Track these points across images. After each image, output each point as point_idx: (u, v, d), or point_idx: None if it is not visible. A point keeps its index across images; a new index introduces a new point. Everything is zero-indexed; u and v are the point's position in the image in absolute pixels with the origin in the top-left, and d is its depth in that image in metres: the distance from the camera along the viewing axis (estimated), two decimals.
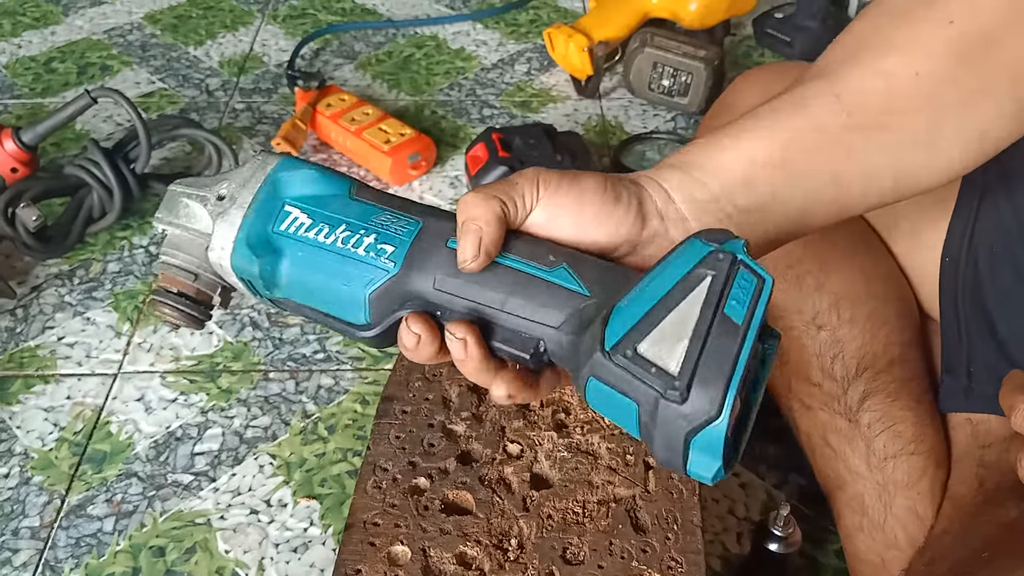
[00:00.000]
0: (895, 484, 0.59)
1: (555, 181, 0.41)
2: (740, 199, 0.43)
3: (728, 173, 0.43)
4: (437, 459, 0.54)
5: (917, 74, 0.44)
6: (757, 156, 0.43)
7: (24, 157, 0.92)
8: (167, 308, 0.45)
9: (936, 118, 0.44)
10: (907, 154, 0.45)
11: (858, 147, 0.44)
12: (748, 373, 0.37)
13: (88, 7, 1.38)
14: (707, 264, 0.36)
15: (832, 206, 0.45)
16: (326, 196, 0.43)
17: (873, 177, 0.45)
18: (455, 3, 1.36)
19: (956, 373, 0.63)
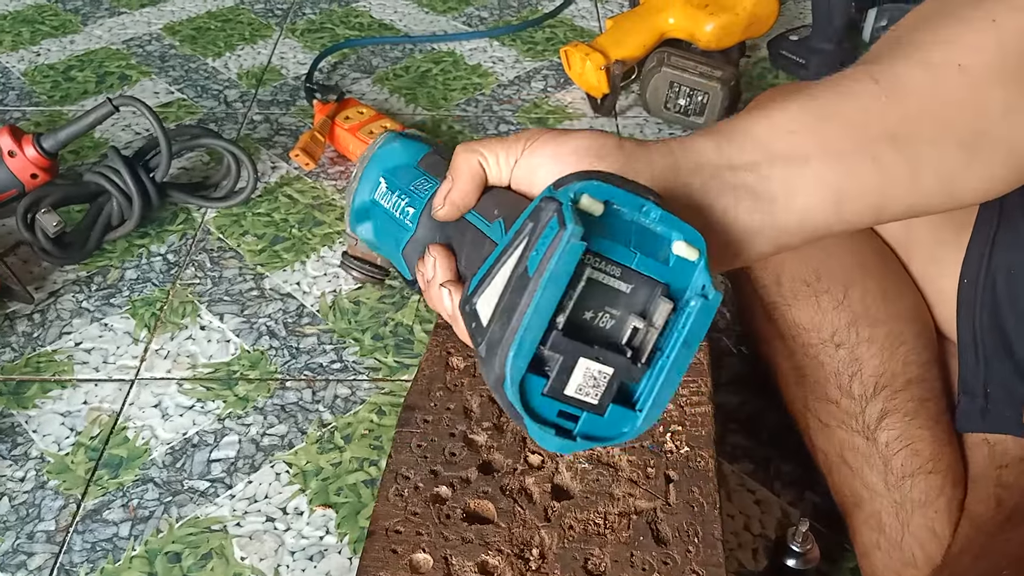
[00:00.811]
0: (913, 503, 0.59)
1: (542, 137, 0.41)
2: (766, 169, 0.40)
3: (756, 140, 0.41)
4: (459, 468, 0.55)
5: (961, 66, 0.41)
6: (789, 124, 0.41)
7: (45, 163, 0.93)
8: (351, 270, 0.64)
9: (980, 118, 0.41)
10: (950, 151, 0.42)
11: (900, 132, 0.41)
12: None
13: (107, 17, 1.39)
14: (534, 214, 0.36)
15: (872, 194, 0.41)
16: (401, 166, 0.48)
17: (916, 168, 0.41)
18: (472, 20, 1.38)
19: (973, 394, 0.63)
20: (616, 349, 0.36)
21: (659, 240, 0.36)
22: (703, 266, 0.36)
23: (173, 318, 0.86)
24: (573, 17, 1.39)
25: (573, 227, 0.33)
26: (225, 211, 0.99)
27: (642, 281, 0.36)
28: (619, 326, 0.36)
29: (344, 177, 1.04)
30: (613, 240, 0.35)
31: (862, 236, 0.67)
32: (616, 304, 0.36)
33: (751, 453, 0.73)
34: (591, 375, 0.35)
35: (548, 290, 0.34)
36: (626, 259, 0.36)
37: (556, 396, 0.36)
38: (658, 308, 0.36)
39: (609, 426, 0.37)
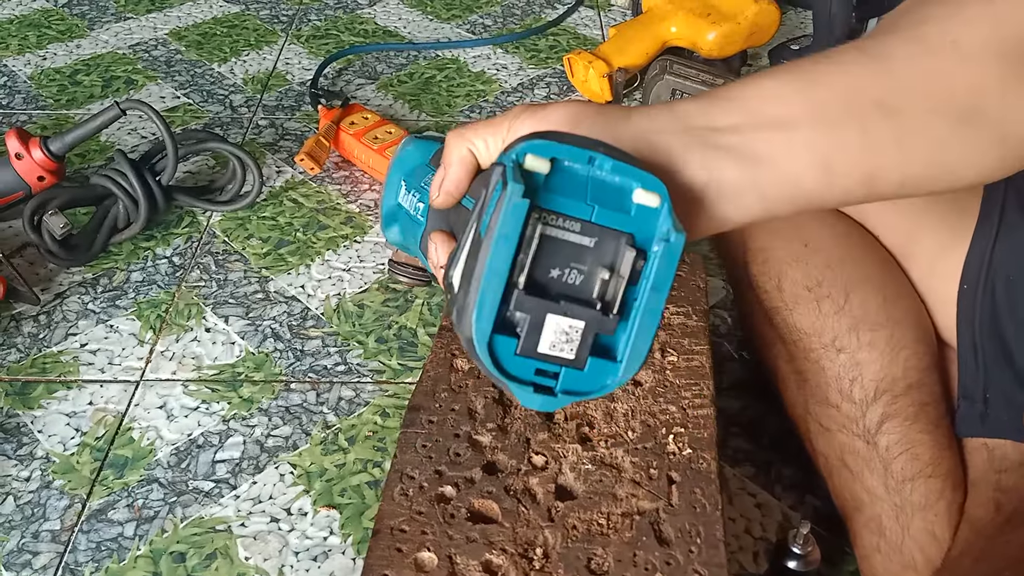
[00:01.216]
0: (913, 506, 0.60)
1: (524, 114, 0.41)
2: (752, 132, 0.40)
3: (743, 104, 0.41)
4: (463, 468, 0.55)
5: (954, 42, 0.40)
6: (778, 90, 0.41)
7: (52, 166, 0.93)
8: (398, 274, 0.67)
9: (974, 94, 0.40)
10: (941, 125, 0.41)
11: (888, 102, 0.40)
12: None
13: (113, 22, 1.40)
14: (485, 179, 0.36)
15: (861, 163, 0.41)
16: (417, 166, 0.49)
17: (905, 138, 0.41)
18: (475, 28, 1.39)
19: (973, 399, 0.63)
20: (587, 303, 0.36)
21: (620, 191, 0.37)
22: (666, 211, 0.36)
23: (178, 320, 0.86)
24: (576, 25, 1.40)
25: (513, 185, 0.34)
26: (230, 215, 0.99)
27: (605, 233, 0.36)
28: (588, 280, 0.36)
29: (349, 181, 1.04)
30: (567, 196, 0.36)
31: (863, 243, 0.68)
32: (582, 259, 0.36)
33: (752, 457, 0.74)
34: (562, 330, 0.36)
35: (498, 250, 0.34)
36: (583, 213, 0.36)
37: (530, 355, 0.36)
38: (623, 258, 0.36)
39: (591, 379, 0.38)
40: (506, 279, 0.35)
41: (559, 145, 0.36)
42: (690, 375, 0.61)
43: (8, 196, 0.94)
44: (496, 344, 0.36)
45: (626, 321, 0.37)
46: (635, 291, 0.37)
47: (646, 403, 0.59)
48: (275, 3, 1.47)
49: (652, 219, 0.37)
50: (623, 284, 0.36)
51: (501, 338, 0.36)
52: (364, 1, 1.47)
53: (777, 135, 0.40)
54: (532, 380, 0.37)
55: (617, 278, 0.36)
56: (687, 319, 0.65)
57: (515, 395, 0.38)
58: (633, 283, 0.37)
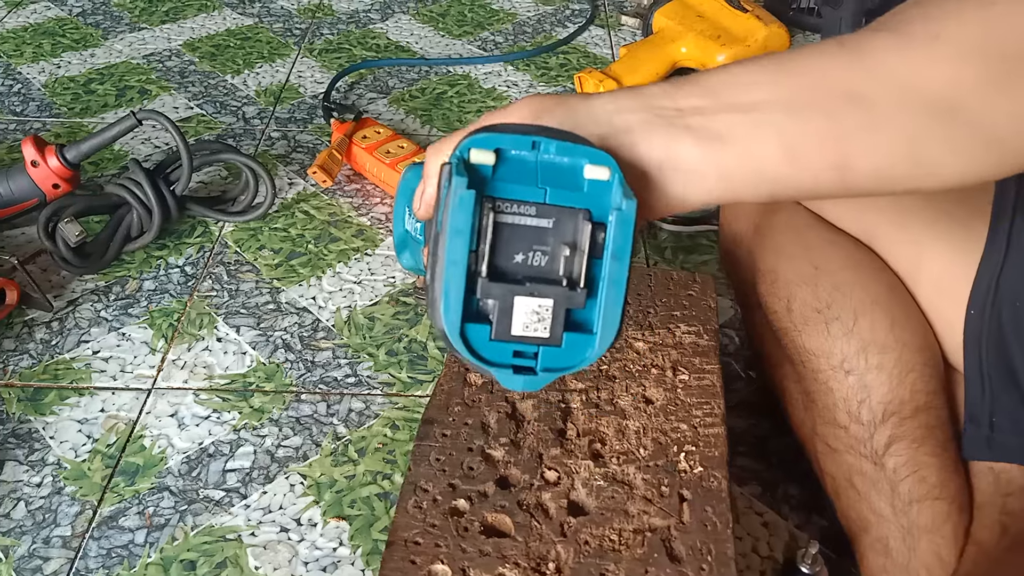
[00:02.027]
0: (919, 528, 0.60)
1: (491, 118, 0.42)
2: (713, 113, 0.40)
3: (708, 88, 0.41)
4: (476, 482, 0.56)
5: (937, 37, 0.40)
6: (745, 77, 0.41)
7: (67, 174, 0.94)
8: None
9: (953, 88, 0.40)
10: (917, 117, 0.40)
11: (860, 91, 0.40)
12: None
13: (127, 32, 1.42)
14: (440, 180, 0.38)
15: (829, 149, 0.40)
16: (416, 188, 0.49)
17: (876, 126, 0.40)
18: (487, 45, 1.40)
19: (979, 423, 0.64)
20: (553, 281, 0.37)
21: (570, 170, 0.38)
22: (617, 181, 0.37)
23: (190, 329, 0.87)
24: (586, 44, 1.41)
25: (457, 179, 0.35)
26: (242, 225, 1.00)
27: (562, 212, 0.38)
28: (553, 259, 0.38)
29: (360, 195, 1.05)
30: (517, 183, 0.37)
31: (872, 266, 0.69)
32: (544, 240, 0.38)
33: (759, 476, 0.74)
34: (533, 311, 0.37)
35: (452, 243, 0.36)
36: (536, 196, 0.37)
37: (504, 338, 0.38)
38: (581, 232, 0.37)
39: (569, 355, 0.39)
40: (466, 269, 0.37)
41: (501, 135, 0.37)
42: (701, 394, 0.61)
43: (23, 203, 0.95)
44: (469, 333, 0.38)
45: (595, 295, 0.38)
46: (600, 264, 0.38)
47: (657, 421, 0.60)
48: (288, 17, 1.48)
49: (605, 192, 0.38)
50: (584, 258, 0.38)
51: (473, 326, 0.38)
52: (376, 16, 1.49)
53: (741, 117, 0.40)
54: (511, 363, 0.39)
55: (579, 253, 0.38)
56: (698, 338, 0.66)
57: (497, 379, 0.39)
58: (598, 256, 0.38)
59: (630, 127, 0.41)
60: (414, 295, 0.91)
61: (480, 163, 0.37)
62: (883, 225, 0.68)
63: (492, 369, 0.39)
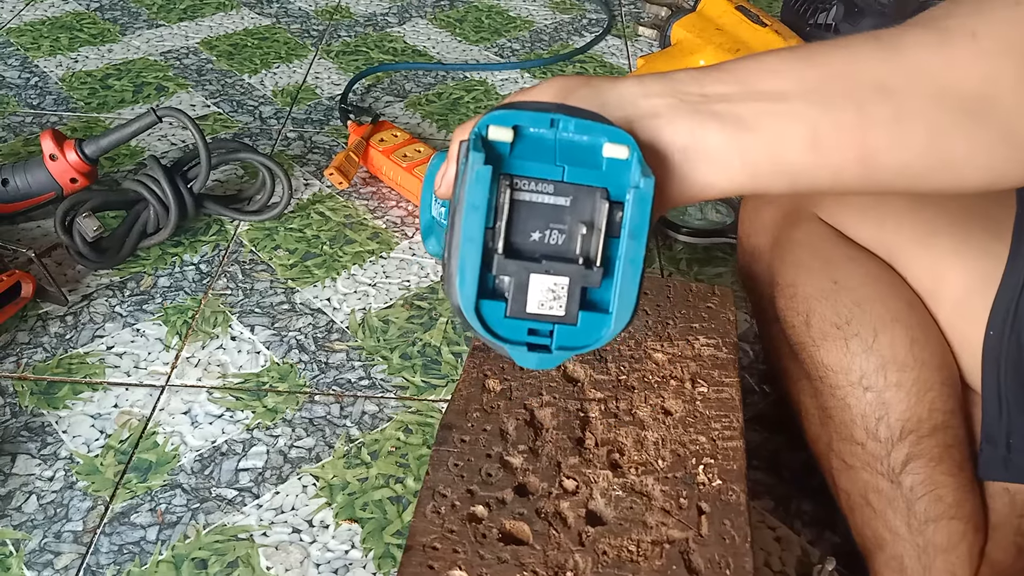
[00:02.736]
0: (935, 547, 0.60)
1: (516, 97, 0.42)
2: (740, 100, 0.40)
3: (737, 75, 0.41)
4: (495, 489, 0.56)
5: (974, 34, 0.40)
6: (775, 65, 0.41)
7: (85, 169, 0.95)
8: None
9: (988, 84, 0.39)
10: (947, 112, 0.40)
11: (891, 84, 0.39)
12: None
13: (145, 29, 1.42)
14: (460, 157, 0.38)
15: (853, 141, 0.40)
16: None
17: (904, 121, 0.40)
18: (504, 51, 1.40)
19: (996, 443, 0.64)
20: (569, 260, 0.37)
21: (589, 149, 0.38)
22: (636, 160, 0.37)
23: (204, 327, 0.87)
24: (603, 54, 1.42)
25: (474, 155, 0.35)
26: (258, 225, 1.00)
27: (580, 191, 0.37)
28: (570, 238, 0.38)
29: (376, 198, 1.05)
30: (536, 160, 0.37)
31: (892, 283, 0.69)
32: (561, 218, 0.38)
33: (772, 490, 0.74)
34: (548, 288, 0.37)
35: (468, 218, 0.36)
36: (553, 174, 0.37)
37: (520, 316, 0.38)
38: (598, 211, 0.37)
39: (584, 333, 0.39)
40: (482, 245, 0.37)
41: (519, 112, 0.37)
42: (720, 406, 0.61)
43: (40, 196, 0.95)
44: (484, 309, 0.38)
45: (612, 274, 0.38)
46: (617, 243, 0.38)
47: (676, 432, 0.59)
48: (306, 18, 1.49)
49: (624, 171, 0.38)
50: (601, 236, 0.38)
51: (488, 303, 0.38)
52: (394, 20, 1.49)
53: (767, 105, 0.40)
54: (526, 340, 0.39)
55: (595, 231, 0.38)
56: (717, 351, 0.66)
57: (511, 355, 0.39)
58: (615, 235, 0.38)
59: (656, 111, 0.41)
60: (429, 299, 0.91)
61: (498, 140, 0.37)
62: (904, 243, 0.68)
63: (506, 346, 0.39)
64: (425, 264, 0.96)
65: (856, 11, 1.24)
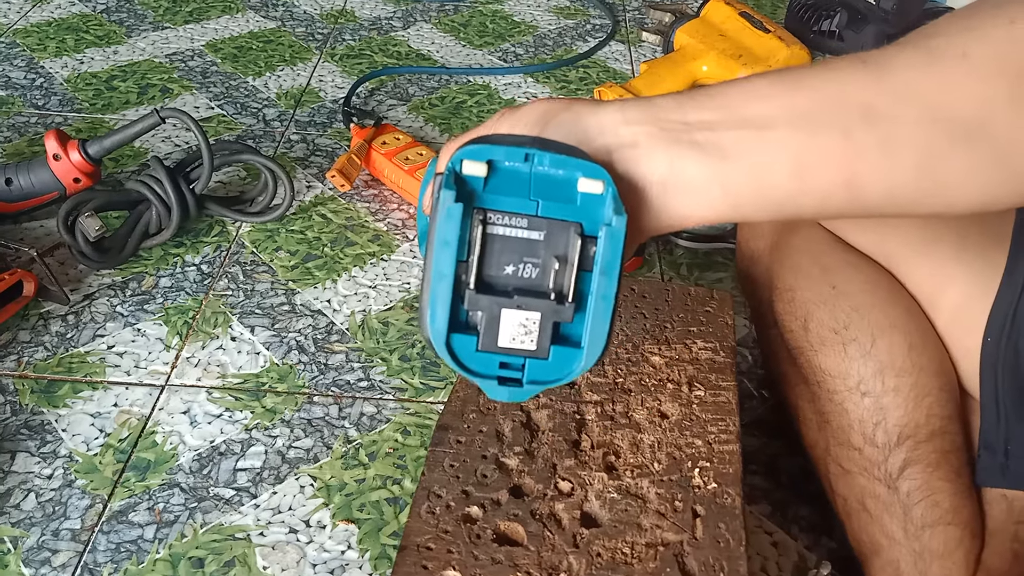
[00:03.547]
0: (931, 553, 0.60)
1: (501, 119, 0.42)
2: (723, 129, 0.40)
3: (721, 102, 0.40)
4: (490, 490, 0.56)
5: (965, 54, 0.39)
6: (761, 90, 0.40)
7: (88, 169, 0.95)
8: None
9: (979, 107, 0.39)
10: (936, 136, 0.39)
11: (878, 109, 0.39)
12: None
13: (151, 31, 1.43)
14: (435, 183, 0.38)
15: (839, 167, 0.39)
16: None
17: (892, 146, 0.39)
18: (507, 56, 1.41)
19: (993, 450, 0.64)
20: (541, 294, 0.37)
21: (565, 183, 0.38)
22: (610, 195, 0.37)
23: (205, 327, 0.87)
24: (606, 59, 1.42)
25: (445, 192, 0.35)
26: (259, 226, 1.01)
27: (554, 225, 0.37)
28: (543, 272, 0.38)
29: (377, 200, 1.06)
30: (510, 194, 0.37)
31: (890, 289, 0.69)
32: (535, 252, 0.38)
33: (770, 495, 0.74)
34: (520, 323, 0.37)
35: (439, 254, 0.36)
36: (527, 208, 0.37)
37: (491, 349, 0.38)
38: (570, 246, 0.37)
39: (556, 368, 0.39)
40: (452, 281, 0.37)
41: (493, 147, 0.37)
42: (716, 410, 0.61)
43: (43, 196, 0.96)
44: (455, 343, 0.38)
45: (584, 308, 0.38)
46: (591, 276, 0.38)
47: (672, 435, 0.60)
48: (311, 21, 1.49)
49: (598, 205, 0.38)
50: (573, 271, 0.37)
51: (460, 337, 0.38)
52: (398, 24, 1.50)
53: (750, 132, 0.40)
54: (497, 374, 0.39)
55: (568, 266, 0.37)
56: (714, 355, 0.66)
57: (482, 388, 0.39)
58: (588, 270, 0.38)
59: (635, 141, 0.40)
60: None
61: (472, 175, 0.37)
62: (904, 250, 0.68)
63: (477, 380, 0.39)
64: None
65: (859, 18, 1.24)
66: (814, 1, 1.44)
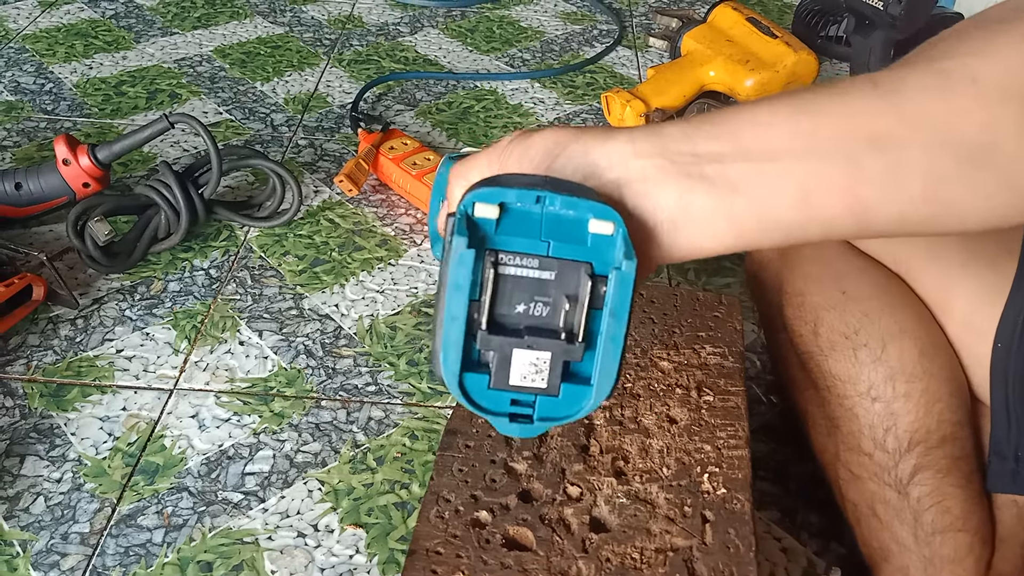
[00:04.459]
0: (942, 559, 0.60)
1: (511, 145, 0.43)
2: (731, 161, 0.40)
3: (729, 130, 0.40)
4: (499, 495, 0.56)
5: (975, 79, 0.39)
6: (767, 117, 0.40)
7: (97, 173, 0.95)
8: None
9: (988, 131, 0.39)
10: (944, 160, 0.39)
11: (886, 134, 0.39)
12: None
13: (159, 36, 1.43)
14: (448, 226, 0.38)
15: (845, 195, 0.40)
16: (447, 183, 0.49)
17: (899, 172, 0.39)
18: (514, 61, 1.41)
19: (1004, 456, 0.64)
20: (552, 334, 0.38)
21: (576, 223, 0.38)
22: (620, 237, 0.38)
23: (213, 332, 0.87)
24: (613, 64, 1.42)
25: (457, 238, 0.36)
26: (267, 231, 1.01)
27: (565, 265, 0.38)
28: (554, 311, 0.38)
29: (385, 205, 1.06)
30: (521, 235, 0.38)
31: (901, 294, 0.69)
32: (546, 292, 0.38)
33: (778, 501, 0.74)
34: (530, 363, 0.38)
35: (451, 298, 0.36)
36: (539, 249, 0.38)
37: (502, 388, 0.38)
38: (581, 286, 0.38)
39: (566, 405, 0.39)
40: (464, 324, 0.37)
41: (505, 190, 0.38)
42: (725, 415, 0.61)
43: (52, 200, 0.96)
44: (468, 382, 0.38)
45: (594, 346, 0.39)
46: (601, 315, 0.38)
47: (681, 441, 0.59)
48: (318, 27, 1.50)
49: (609, 247, 0.38)
50: (584, 310, 0.38)
51: (472, 376, 0.38)
52: (406, 29, 1.50)
53: (756, 166, 0.40)
54: (508, 411, 0.39)
55: (578, 306, 0.38)
56: (723, 360, 0.66)
57: (493, 425, 0.40)
58: (598, 308, 0.38)
59: (645, 175, 0.40)
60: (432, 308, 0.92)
61: (484, 217, 0.37)
62: (914, 256, 0.68)
63: (489, 417, 0.39)
64: (433, 272, 0.96)
65: (867, 23, 1.24)
66: (821, 6, 1.44)
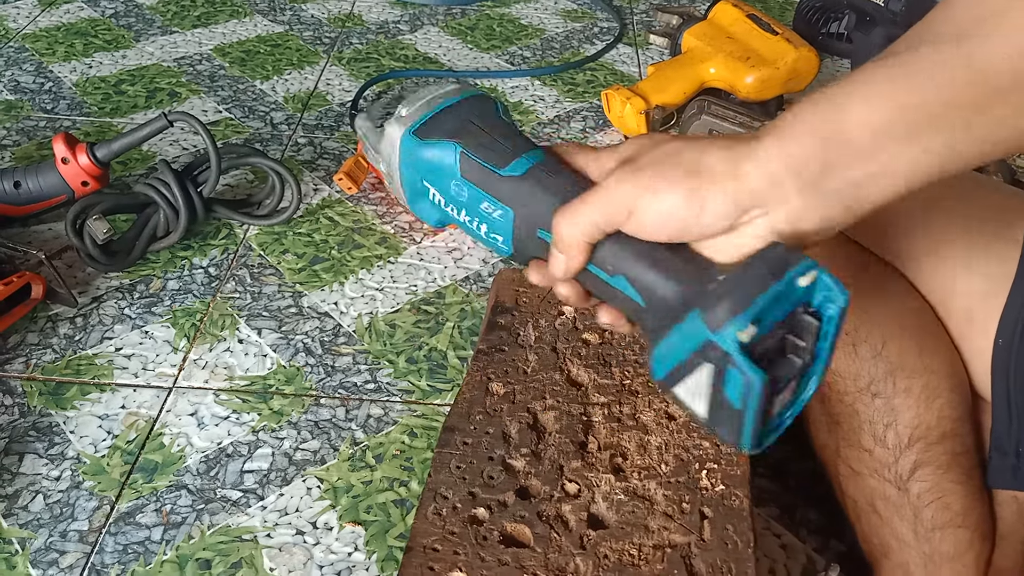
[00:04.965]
0: (941, 555, 0.59)
1: (628, 181, 0.44)
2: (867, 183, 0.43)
3: (853, 141, 0.43)
4: (496, 492, 0.55)
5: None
6: (891, 129, 0.42)
7: (96, 172, 0.95)
8: None
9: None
10: None
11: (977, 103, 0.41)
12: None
13: (159, 35, 1.43)
14: (703, 353, 0.41)
15: (944, 168, 0.43)
16: (444, 172, 0.50)
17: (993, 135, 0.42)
18: (514, 59, 1.41)
19: (1005, 452, 0.63)
20: (799, 368, 0.43)
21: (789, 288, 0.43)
22: (825, 281, 0.42)
23: (212, 330, 0.87)
24: (613, 62, 1.42)
25: (754, 377, 0.39)
26: (267, 229, 1.01)
27: (793, 317, 0.43)
28: (796, 351, 0.44)
29: (384, 203, 1.06)
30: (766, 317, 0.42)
31: (901, 290, 0.68)
32: (783, 341, 0.44)
33: (778, 498, 0.74)
34: (785, 397, 0.44)
35: (751, 418, 0.41)
36: (776, 317, 0.43)
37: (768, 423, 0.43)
38: (807, 330, 0.43)
39: (797, 405, 0.45)
40: (763, 413, 0.41)
41: (758, 307, 0.41)
42: None
43: (51, 199, 0.96)
44: (764, 439, 0.43)
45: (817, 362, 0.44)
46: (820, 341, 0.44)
47: (680, 437, 0.59)
48: (318, 25, 1.49)
49: (818, 289, 0.43)
50: (814, 343, 0.43)
51: (766, 432, 0.43)
52: (405, 27, 1.50)
53: (885, 181, 0.43)
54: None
55: (804, 342, 0.43)
56: None
57: None
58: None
59: (786, 197, 0.43)
60: (435, 304, 0.91)
61: (749, 338, 0.40)
62: (914, 250, 0.67)
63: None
64: (432, 269, 0.96)
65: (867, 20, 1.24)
66: (822, 3, 1.44)
